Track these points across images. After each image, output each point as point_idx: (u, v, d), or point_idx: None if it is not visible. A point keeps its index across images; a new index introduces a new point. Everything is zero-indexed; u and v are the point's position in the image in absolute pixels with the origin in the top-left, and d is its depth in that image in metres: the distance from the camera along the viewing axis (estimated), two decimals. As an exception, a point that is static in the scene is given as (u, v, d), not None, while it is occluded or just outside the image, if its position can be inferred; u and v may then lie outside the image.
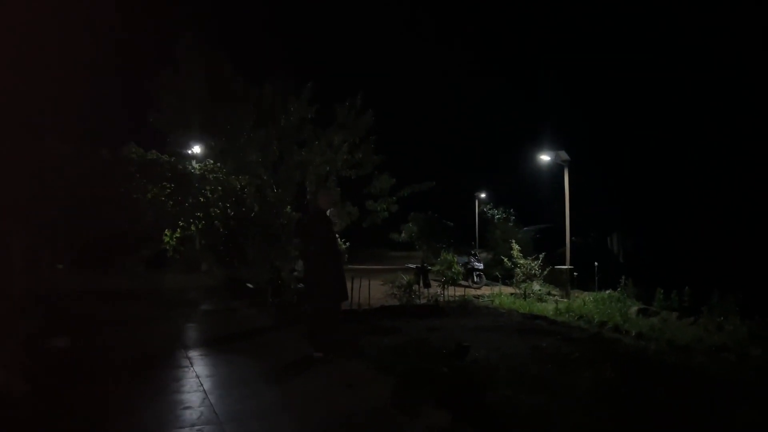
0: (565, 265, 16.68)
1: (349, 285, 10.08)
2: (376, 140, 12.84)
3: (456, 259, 15.20)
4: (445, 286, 12.72)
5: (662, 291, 14.07)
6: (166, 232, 14.90)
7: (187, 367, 6.13)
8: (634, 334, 10.96)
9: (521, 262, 16.21)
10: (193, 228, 14.77)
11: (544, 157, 17.41)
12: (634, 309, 13.49)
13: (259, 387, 5.41)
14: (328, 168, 12.95)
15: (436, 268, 13.04)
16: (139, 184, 14.31)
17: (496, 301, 13.90)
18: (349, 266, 10.98)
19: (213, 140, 13.68)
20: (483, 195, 36.35)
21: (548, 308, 13.75)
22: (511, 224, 26.29)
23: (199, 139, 14.29)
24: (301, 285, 9.05)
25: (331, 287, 6.31)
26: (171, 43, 13.76)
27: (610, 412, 5.47)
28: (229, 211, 14.43)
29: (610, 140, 29.45)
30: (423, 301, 12.06)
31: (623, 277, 15.58)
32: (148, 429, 4.23)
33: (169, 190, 14.67)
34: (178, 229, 14.73)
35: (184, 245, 14.80)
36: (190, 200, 14.87)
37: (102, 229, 13.64)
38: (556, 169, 20.16)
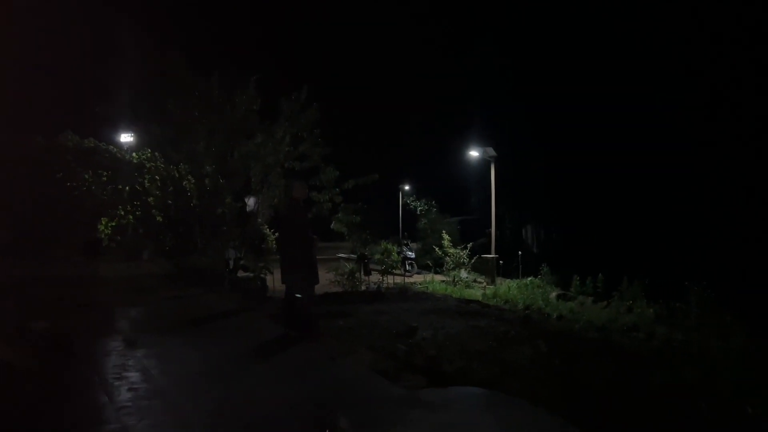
0: (485, 254, 17.92)
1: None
2: (324, 133, 13.32)
3: (396, 249, 16.01)
4: (385, 273, 13.46)
5: (578, 278, 15.49)
6: (102, 220, 14.71)
7: (178, 345, 6.55)
8: (555, 316, 12.15)
9: (451, 251, 17.23)
10: (130, 216, 14.67)
11: (473, 153, 18.51)
12: (553, 294, 14.81)
13: (251, 361, 5.90)
14: (271, 160, 13.27)
15: (377, 256, 13.75)
16: (74, 171, 14.06)
17: (431, 288, 14.82)
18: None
19: (159, 130, 13.65)
20: (407, 187, 37.39)
21: (477, 294, 14.81)
22: (433, 216, 27.46)
23: (144, 129, 14.19)
24: (263, 275, 9.49)
25: (305, 272, 6.86)
26: (116, 31, 13.69)
27: (550, 379, 6.36)
28: (168, 200, 14.45)
29: (522, 134, 31.13)
30: (364, 287, 12.71)
31: (543, 265, 16.94)
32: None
33: (105, 178, 14.49)
34: (115, 219, 14.59)
35: (122, 234, 14.68)
36: (127, 188, 14.75)
37: (36, 216, 13.35)
38: (476, 163, 21.34)
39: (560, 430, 2.30)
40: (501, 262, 17.76)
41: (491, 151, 17.77)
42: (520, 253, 17.66)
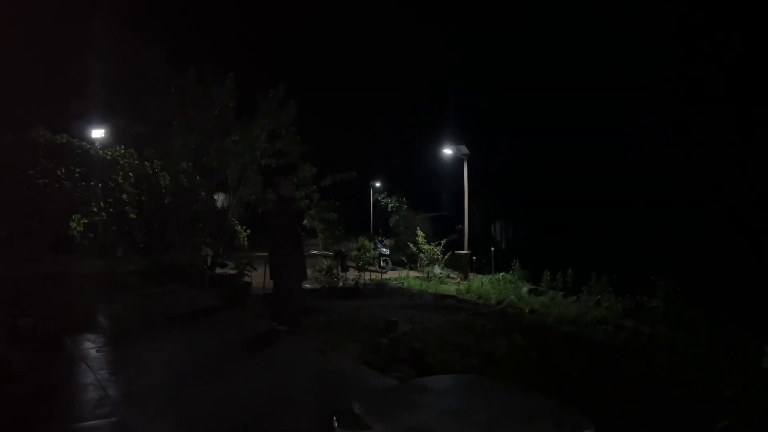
0: (456, 250, 18.26)
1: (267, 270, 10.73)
2: (301, 131, 13.43)
3: (372, 245, 16.17)
4: (362, 270, 13.63)
5: (549, 273, 15.89)
6: (74, 217, 14.53)
7: (168, 340, 6.66)
8: (528, 310, 12.49)
9: (425, 247, 17.47)
10: (104, 213, 14.53)
11: (447, 151, 18.80)
12: (525, 289, 15.17)
13: (243, 355, 6.05)
14: (248, 157, 13.33)
15: (353, 253, 13.90)
16: (46, 168, 13.84)
17: (406, 284, 15.05)
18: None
19: (134, 126, 13.56)
20: (378, 184, 37.58)
21: (451, 289, 15.10)
22: (404, 213, 27.74)
23: (118, 125, 14.06)
24: (247, 271, 9.56)
25: (295, 268, 7.00)
26: (90, 25, 13.50)
27: (529, 369, 6.65)
28: (142, 197, 14.37)
29: (490, 131, 31.67)
30: (341, 284, 12.86)
31: (514, 261, 17.32)
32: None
33: (78, 175, 14.31)
34: (88, 216, 14.43)
35: (95, 231, 14.52)
36: (100, 185, 14.60)
37: (6, 213, 13.13)
38: (448, 161, 21.67)
39: (559, 411, 2.53)
40: (474, 258, 18.10)
41: (464, 149, 18.09)
42: (492, 249, 18.03)
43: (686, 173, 20.40)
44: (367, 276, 14.24)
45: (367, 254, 13.81)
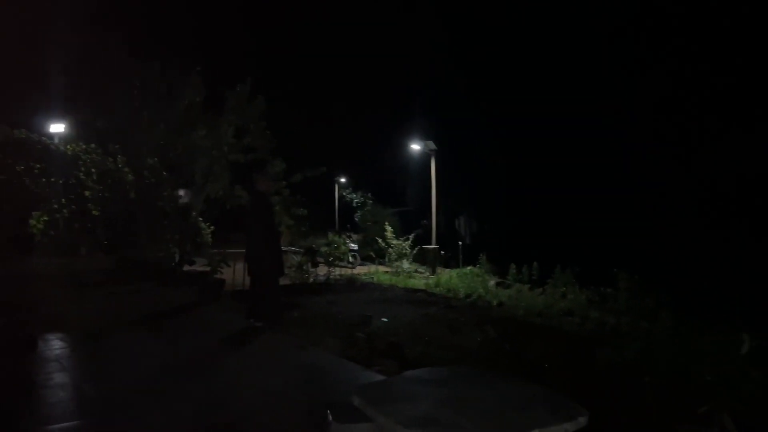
0: (422, 245, 18.45)
1: (239, 266, 10.64)
2: (270, 126, 13.33)
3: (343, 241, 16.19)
4: (332, 266, 13.65)
5: (515, 266, 16.19)
6: (34, 214, 14.14)
7: (146, 339, 6.55)
8: (496, 303, 12.71)
9: (394, 242, 17.60)
10: (65, 210, 14.17)
11: (415, 147, 18.94)
12: (492, 282, 15.43)
13: (223, 353, 6.01)
14: (215, 152, 13.17)
15: (324, 249, 13.91)
16: (4, 164, 13.41)
17: (376, 278, 15.13)
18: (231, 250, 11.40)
19: (97, 121, 13.23)
20: (343, 179, 37.55)
21: (420, 283, 15.24)
22: (369, 208, 27.83)
23: (81, 120, 13.67)
24: (221, 268, 9.48)
25: (273, 264, 6.99)
26: (51, 16, 13.05)
27: (504, 360, 6.80)
28: (105, 193, 14.06)
29: (454, 126, 32.09)
30: (312, 279, 12.86)
31: (482, 254, 17.58)
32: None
33: (38, 171, 13.92)
34: (49, 213, 14.05)
35: (56, 229, 14.15)
36: (61, 182, 14.23)
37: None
38: (414, 156, 21.83)
39: (553, 398, 2.63)
40: (442, 252, 18.32)
41: (432, 145, 18.27)
42: (460, 243, 18.26)
43: (648, 166, 21.03)
44: (337, 271, 14.28)
45: (339, 250, 13.84)
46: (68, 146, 14.23)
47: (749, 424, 2.95)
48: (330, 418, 2.87)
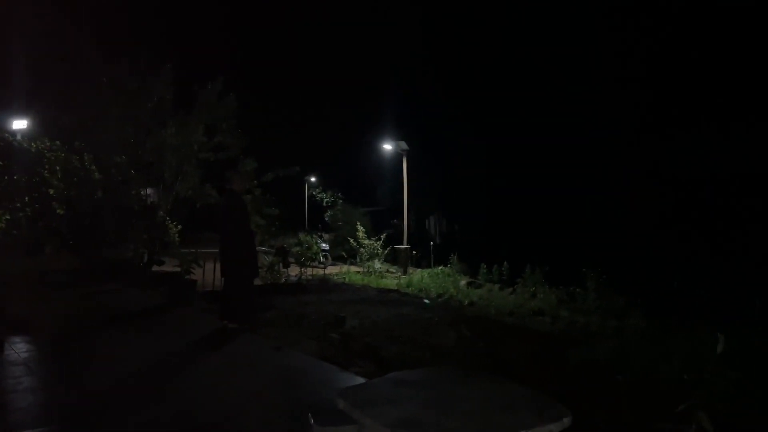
0: (392, 244, 18.49)
1: (210, 267, 10.51)
2: (243, 124, 13.19)
3: (315, 241, 16.12)
4: (303, 266, 13.58)
5: (485, 266, 16.33)
6: (-6, 213, 13.74)
7: (119, 342, 6.43)
8: (467, 302, 12.81)
9: (365, 242, 17.59)
10: (28, 209, 13.81)
11: (387, 146, 18.97)
12: (463, 282, 15.53)
13: (199, 355, 5.93)
14: (185, 150, 12.97)
15: (295, 249, 13.82)
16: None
17: (348, 279, 15.11)
18: (203, 249, 11.23)
19: (63, 117, 12.88)
20: (313, 179, 37.37)
21: (392, 283, 15.27)
22: (339, 207, 27.77)
23: (46, 116, 13.28)
24: (192, 269, 9.33)
25: (247, 264, 6.91)
26: (15, 10, 12.65)
27: (479, 359, 6.85)
28: (71, 192, 13.73)
29: (426, 127, 32.29)
30: (284, 280, 12.76)
31: (453, 254, 17.69)
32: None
33: (-1, 168, 13.54)
34: (11, 211, 13.68)
35: (19, 227, 13.78)
36: (24, 179, 13.86)
37: None
38: (386, 155, 21.86)
39: (537, 399, 2.66)
40: (414, 252, 18.37)
41: (404, 145, 18.33)
42: (431, 243, 18.35)
43: (617, 166, 21.43)
44: (309, 272, 14.21)
45: (311, 250, 13.77)
46: (32, 143, 13.86)
47: (726, 423, 3.04)
48: (311, 421, 2.85)
